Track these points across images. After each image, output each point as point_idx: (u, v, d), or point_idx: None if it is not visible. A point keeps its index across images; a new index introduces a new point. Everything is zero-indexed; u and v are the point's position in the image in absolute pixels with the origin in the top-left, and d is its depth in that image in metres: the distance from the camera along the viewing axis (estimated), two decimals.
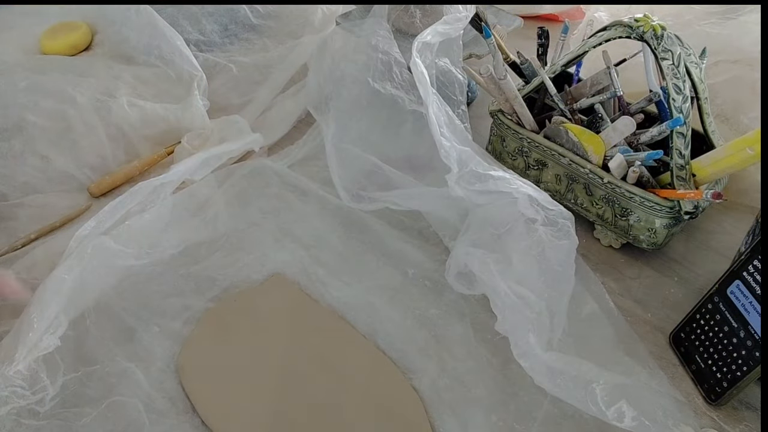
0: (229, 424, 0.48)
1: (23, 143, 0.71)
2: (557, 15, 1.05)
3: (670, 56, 0.56)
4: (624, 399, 0.44)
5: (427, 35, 0.60)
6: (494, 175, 0.54)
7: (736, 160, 0.53)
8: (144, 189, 0.60)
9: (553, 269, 0.50)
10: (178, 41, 0.82)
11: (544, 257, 0.50)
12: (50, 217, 0.65)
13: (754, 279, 0.46)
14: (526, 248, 0.51)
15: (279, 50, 0.87)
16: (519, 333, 0.47)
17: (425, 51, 0.60)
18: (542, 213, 0.51)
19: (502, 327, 0.49)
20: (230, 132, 0.73)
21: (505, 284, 0.50)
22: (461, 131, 0.58)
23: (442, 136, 0.55)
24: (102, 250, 0.55)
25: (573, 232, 0.51)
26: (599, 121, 0.62)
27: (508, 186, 0.53)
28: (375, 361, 0.52)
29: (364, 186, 0.67)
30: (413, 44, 0.58)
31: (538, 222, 0.51)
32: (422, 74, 0.56)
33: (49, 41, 0.89)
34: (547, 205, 0.52)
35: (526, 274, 0.50)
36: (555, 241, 0.51)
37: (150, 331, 0.54)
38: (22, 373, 0.47)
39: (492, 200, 0.54)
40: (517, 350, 0.47)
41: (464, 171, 0.54)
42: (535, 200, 0.52)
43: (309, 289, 0.59)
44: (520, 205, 0.52)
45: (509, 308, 0.49)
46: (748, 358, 0.46)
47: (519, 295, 0.49)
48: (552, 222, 0.51)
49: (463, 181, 0.54)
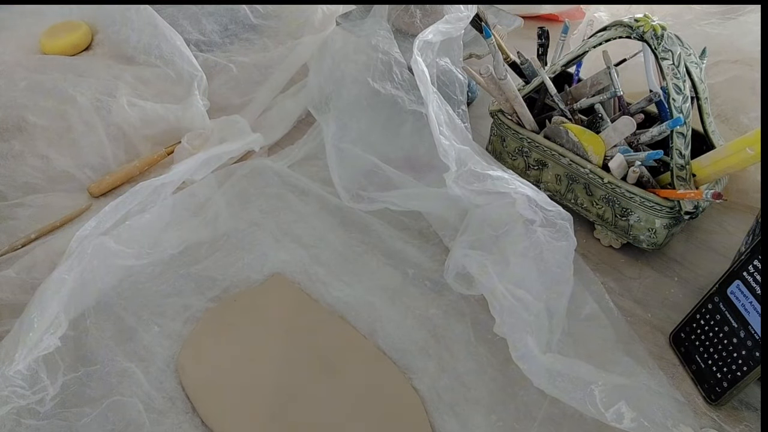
0: (229, 423, 0.48)
1: (23, 143, 0.71)
2: (557, 15, 1.05)
3: (670, 56, 0.56)
4: (623, 400, 0.44)
5: (429, 34, 0.59)
6: (492, 175, 0.54)
7: (736, 160, 0.53)
8: (144, 189, 0.60)
9: (552, 270, 0.50)
10: (178, 41, 0.82)
11: (543, 259, 0.50)
12: (50, 217, 0.65)
13: (754, 279, 0.46)
14: (524, 250, 0.51)
15: (279, 50, 0.87)
16: (517, 335, 0.47)
17: (426, 50, 0.60)
18: (541, 214, 0.51)
19: (501, 329, 0.49)
20: (230, 132, 0.73)
21: (502, 286, 0.50)
22: (461, 130, 0.58)
23: (441, 134, 0.55)
24: (102, 250, 0.55)
25: (571, 233, 0.51)
26: (599, 121, 0.62)
27: (506, 186, 0.53)
28: (375, 361, 0.52)
29: (364, 186, 0.67)
30: (414, 42, 0.58)
31: (536, 223, 0.51)
32: (423, 72, 0.56)
33: (49, 41, 0.89)
34: (546, 205, 0.52)
35: (524, 275, 0.50)
36: (553, 242, 0.50)
37: (150, 331, 0.54)
38: (22, 372, 0.47)
39: (490, 201, 0.54)
40: (516, 352, 0.47)
41: (463, 170, 0.54)
42: (534, 201, 0.52)
43: (309, 289, 0.59)
44: (518, 206, 0.52)
45: (507, 311, 0.48)
46: (748, 358, 0.46)
47: (517, 297, 0.49)
48: (550, 223, 0.51)
49: (461, 180, 0.54)
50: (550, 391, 0.46)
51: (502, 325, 0.49)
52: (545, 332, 0.48)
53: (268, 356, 0.53)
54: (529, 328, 0.47)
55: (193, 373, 0.51)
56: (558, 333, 0.50)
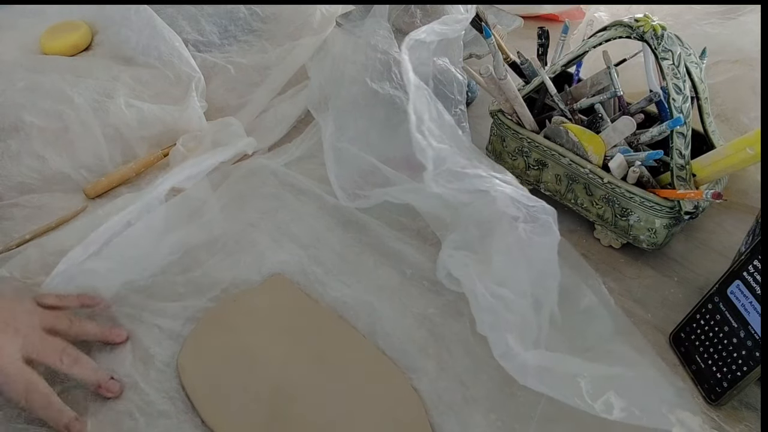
0: (229, 423, 0.47)
1: (20, 143, 0.71)
2: (557, 15, 1.05)
3: (670, 56, 0.56)
4: (612, 390, 0.43)
5: (422, 33, 0.59)
6: (470, 174, 0.53)
7: (736, 160, 0.53)
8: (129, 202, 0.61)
9: (536, 266, 0.49)
10: (177, 42, 0.82)
11: (527, 255, 0.49)
12: (46, 217, 0.64)
13: (754, 279, 0.46)
14: (508, 247, 0.50)
15: (277, 52, 0.87)
16: (496, 334, 0.46)
17: (419, 48, 0.60)
18: (524, 210, 0.51)
19: (482, 328, 0.48)
20: (224, 135, 0.73)
21: (482, 285, 0.49)
22: (450, 127, 0.57)
23: (420, 133, 0.54)
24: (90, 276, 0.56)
25: (555, 227, 0.50)
26: (599, 121, 0.62)
27: (484, 184, 0.52)
28: (375, 360, 0.52)
29: (361, 185, 0.67)
30: (404, 40, 0.58)
31: (519, 219, 0.51)
32: (407, 69, 0.56)
33: (49, 41, 0.89)
34: (528, 201, 0.51)
35: (508, 273, 0.49)
36: (536, 238, 0.50)
37: (150, 331, 0.54)
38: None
39: (474, 199, 0.53)
40: (497, 351, 0.46)
41: (441, 169, 0.53)
42: (515, 197, 0.51)
43: (308, 289, 0.59)
44: (500, 203, 0.51)
45: (486, 310, 0.48)
46: (748, 358, 0.45)
47: (497, 296, 0.48)
48: (533, 218, 0.50)
49: (441, 179, 0.53)
50: (537, 387, 0.45)
51: (482, 325, 0.48)
52: (532, 329, 0.48)
53: (268, 356, 0.52)
54: (509, 327, 0.46)
55: (193, 373, 0.51)
56: (546, 328, 0.49)
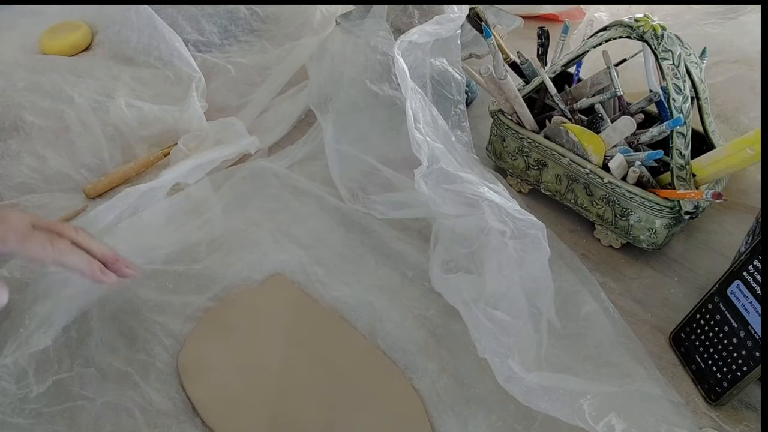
0: (229, 423, 0.47)
1: (20, 143, 0.71)
2: (557, 15, 1.05)
3: (670, 56, 0.56)
4: (613, 412, 0.43)
5: (414, 34, 0.59)
6: (462, 177, 0.52)
7: (736, 160, 0.53)
8: (133, 194, 0.61)
9: (530, 285, 0.49)
10: (177, 42, 0.82)
11: (519, 274, 0.48)
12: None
13: (754, 279, 0.46)
14: (498, 267, 0.49)
15: (277, 52, 0.87)
16: (498, 360, 0.46)
17: (412, 50, 0.59)
18: (511, 224, 0.49)
19: (484, 354, 0.47)
20: (226, 135, 0.73)
21: (478, 311, 0.48)
22: (444, 132, 0.57)
23: (417, 129, 0.53)
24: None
25: (545, 243, 0.49)
26: (599, 121, 0.62)
27: (474, 190, 0.51)
28: (375, 361, 0.52)
29: (364, 186, 0.67)
30: (396, 42, 0.58)
31: (507, 234, 0.49)
32: (402, 70, 0.56)
33: (49, 41, 0.89)
34: (517, 214, 0.50)
35: (502, 294, 0.48)
36: (527, 256, 0.49)
37: (150, 331, 0.54)
38: (8, 367, 0.47)
39: (461, 211, 0.52)
40: (501, 376, 0.46)
41: (434, 167, 0.53)
42: (503, 210, 0.50)
43: (308, 289, 0.59)
44: (487, 216, 0.50)
45: (485, 336, 0.47)
46: (748, 358, 0.45)
47: (494, 321, 0.47)
48: (522, 234, 0.49)
49: (431, 178, 0.53)
50: (540, 408, 0.44)
51: (484, 351, 0.47)
52: (532, 347, 0.47)
53: (269, 356, 0.52)
54: (509, 352, 0.46)
55: (193, 373, 0.51)
56: (546, 340, 0.49)
